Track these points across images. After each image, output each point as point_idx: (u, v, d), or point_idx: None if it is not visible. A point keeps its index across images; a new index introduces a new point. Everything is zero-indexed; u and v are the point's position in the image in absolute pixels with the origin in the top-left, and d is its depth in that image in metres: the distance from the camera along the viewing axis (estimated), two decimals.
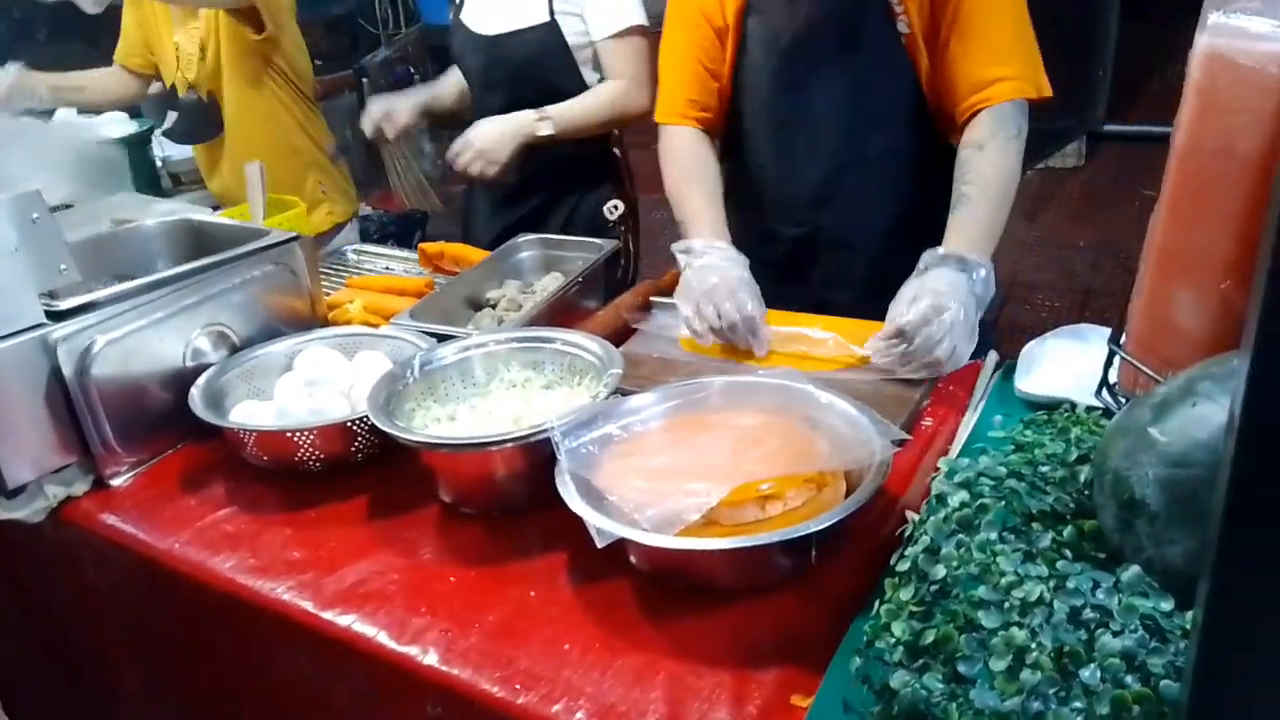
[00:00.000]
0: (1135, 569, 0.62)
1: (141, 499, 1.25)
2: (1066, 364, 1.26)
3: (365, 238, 2.73)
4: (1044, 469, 0.77)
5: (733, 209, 1.66)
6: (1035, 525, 0.71)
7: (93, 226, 1.81)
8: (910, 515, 1.05)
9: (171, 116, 2.35)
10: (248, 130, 2.27)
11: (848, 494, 1.01)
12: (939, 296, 1.23)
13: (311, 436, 1.18)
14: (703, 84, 1.55)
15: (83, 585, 1.26)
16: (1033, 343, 1.33)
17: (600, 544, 0.91)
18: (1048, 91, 1.34)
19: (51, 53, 2.32)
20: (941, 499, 0.75)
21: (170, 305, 1.31)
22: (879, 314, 1.29)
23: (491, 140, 1.89)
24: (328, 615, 1.01)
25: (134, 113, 2.66)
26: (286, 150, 2.31)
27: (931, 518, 0.74)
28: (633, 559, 0.99)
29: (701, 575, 0.97)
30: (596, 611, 0.97)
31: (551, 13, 1.93)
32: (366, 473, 1.23)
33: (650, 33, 1.90)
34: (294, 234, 1.50)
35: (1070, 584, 0.62)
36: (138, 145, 2.41)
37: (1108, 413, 0.88)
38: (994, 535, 0.69)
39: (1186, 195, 0.75)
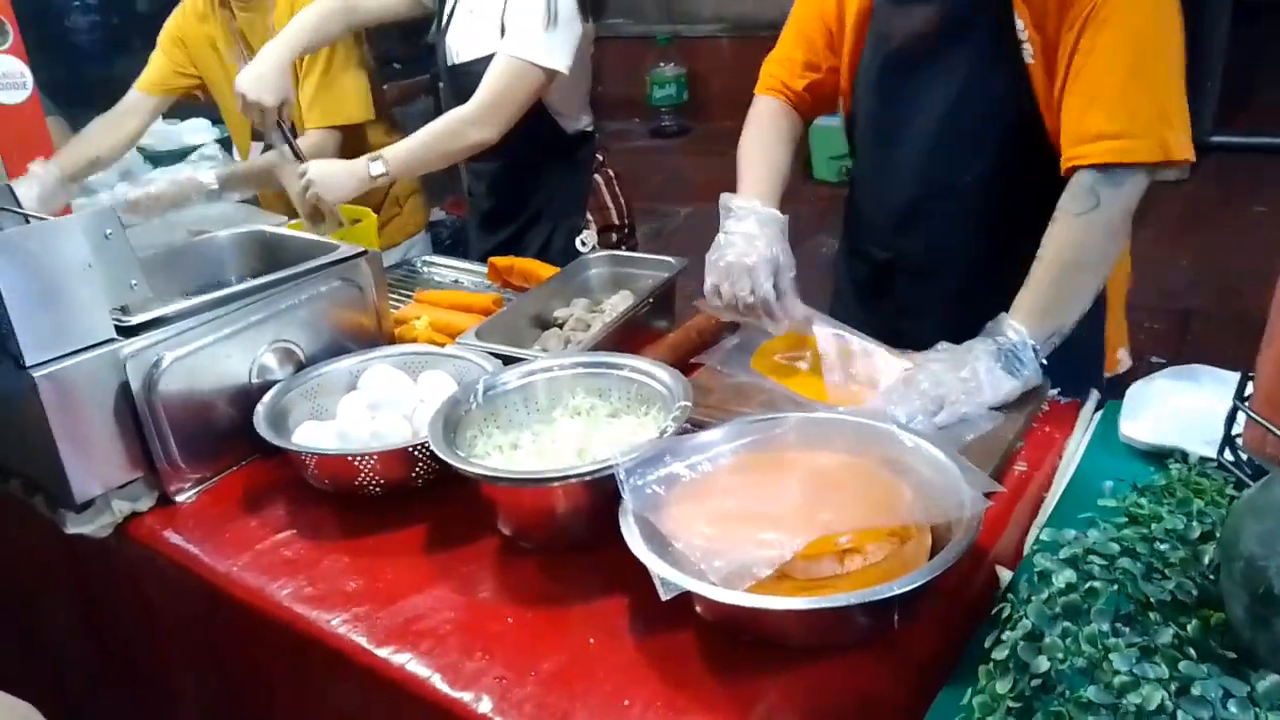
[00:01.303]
0: (1275, 678, 0.55)
1: (205, 518, 1.25)
2: (1177, 408, 1.17)
3: (437, 244, 2.73)
4: (1162, 547, 0.70)
5: (845, 220, 1.60)
6: (1153, 614, 0.64)
7: (168, 235, 1.84)
8: (1001, 573, 0.99)
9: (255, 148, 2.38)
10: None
11: (933, 547, 0.95)
12: (938, 356, 1.20)
13: (372, 461, 1.16)
14: (799, 70, 1.53)
15: (146, 603, 1.27)
16: (1140, 383, 1.24)
17: (665, 596, 0.87)
18: (1179, 155, 1.19)
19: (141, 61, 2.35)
20: (1045, 577, 0.69)
21: (238, 321, 1.31)
22: None
23: (328, 182, 1.82)
24: (382, 653, 0.99)
25: (213, 117, 2.70)
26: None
27: (1033, 598, 0.67)
28: (699, 609, 0.95)
29: (773, 632, 0.91)
30: (660, 664, 0.93)
31: (502, 38, 1.88)
32: (426, 498, 1.21)
33: (548, 76, 1.84)
34: (362, 249, 1.49)
35: (1195, 690, 0.55)
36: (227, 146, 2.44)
37: (1236, 480, 0.79)
38: (1106, 626, 0.62)
39: None
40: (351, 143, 2.26)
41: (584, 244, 2.02)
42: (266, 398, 1.30)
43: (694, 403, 1.13)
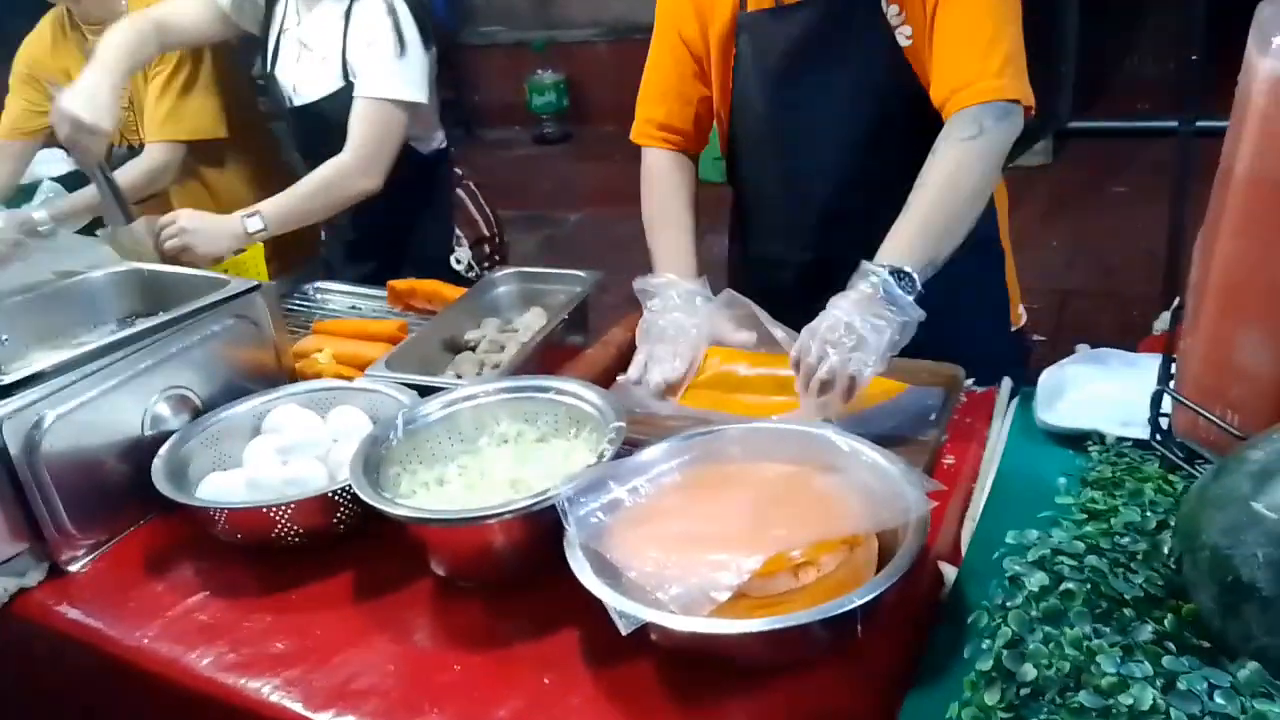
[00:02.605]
0: (1254, 666, 0.57)
1: (103, 586, 1.16)
2: (1091, 393, 1.22)
3: (322, 266, 2.62)
4: (1123, 540, 0.72)
5: (736, 237, 1.60)
6: (1127, 611, 0.66)
7: (33, 275, 1.70)
8: (945, 570, 1.00)
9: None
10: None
11: (880, 551, 0.96)
12: (820, 320, 1.17)
13: (290, 511, 1.11)
14: (676, 108, 1.52)
15: (42, 689, 1.16)
16: (1051, 369, 1.28)
17: (626, 630, 0.85)
18: (1027, 99, 1.27)
19: None
20: (1017, 581, 0.69)
21: (125, 370, 1.23)
22: None
23: (203, 236, 1.75)
24: (322, 718, 0.93)
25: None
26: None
27: (1008, 604, 0.68)
28: (655, 637, 0.93)
29: (736, 655, 0.90)
30: (621, 699, 0.91)
31: (346, 76, 1.85)
32: (350, 544, 1.16)
33: (411, 109, 1.83)
34: (255, 283, 1.41)
35: (1181, 685, 0.56)
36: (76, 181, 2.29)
37: (1162, 460, 0.82)
38: (1087, 627, 0.63)
39: (1253, 228, 0.70)
40: (214, 160, 2.15)
41: (459, 262, 1.98)
42: (163, 450, 1.22)
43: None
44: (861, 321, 1.14)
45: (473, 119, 5.96)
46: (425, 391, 1.27)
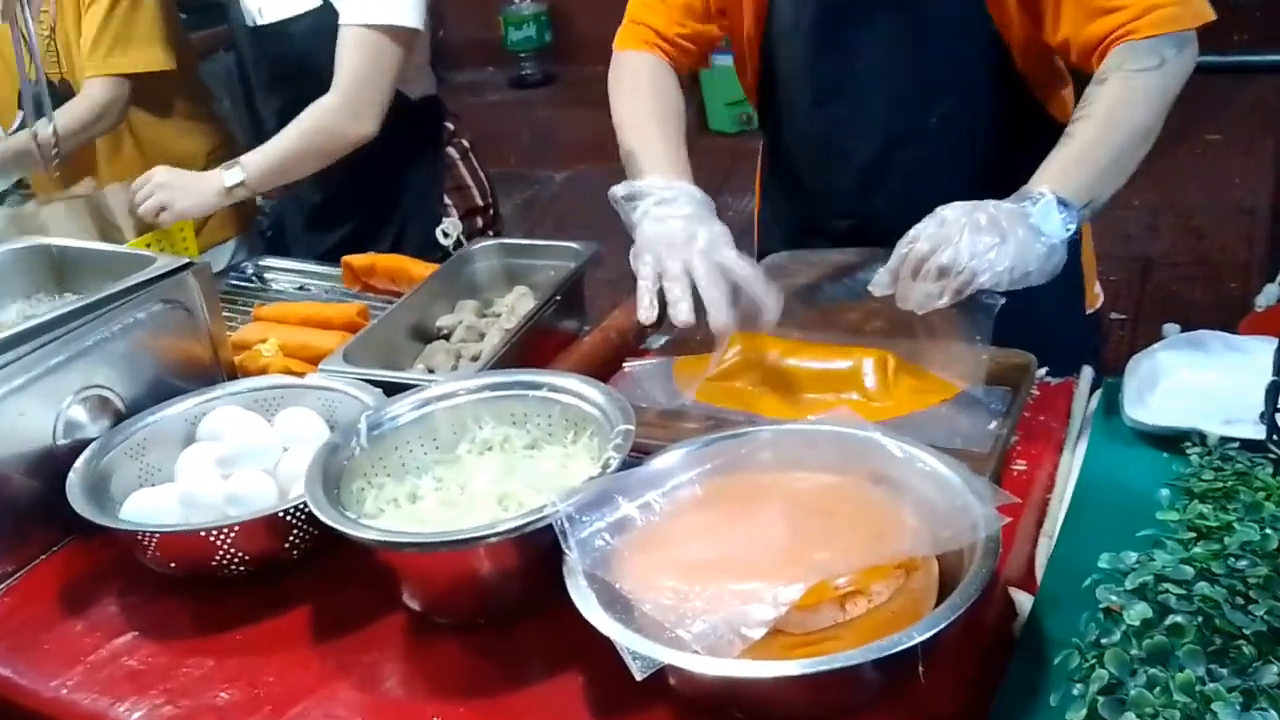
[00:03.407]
0: None
1: (12, 625, 1.16)
2: (1187, 383, 1.22)
3: (259, 239, 2.62)
4: (1240, 565, 0.72)
5: (768, 198, 1.60)
6: (1246, 649, 0.66)
7: None
8: (1017, 597, 1.01)
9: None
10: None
11: (942, 577, 0.96)
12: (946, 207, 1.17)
13: (233, 535, 1.11)
14: (678, 17, 1.50)
15: None
16: (1139, 356, 1.29)
17: (641, 675, 0.85)
18: (1208, 15, 1.25)
19: None
20: (1113, 614, 0.69)
21: (32, 368, 1.23)
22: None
23: (181, 190, 1.79)
24: None
25: None
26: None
27: (1105, 642, 0.68)
28: (674, 682, 0.93)
29: (770, 703, 0.90)
30: None
31: None
32: (305, 573, 1.16)
33: (407, 38, 1.83)
34: (185, 260, 1.41)
35: None
36: None
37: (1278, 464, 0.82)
38: (1200, 670, 0.63)
39: None
40: (150, 104, 2.14)
41: (446, 235, 1.97)
42: (80, 463, 1.22)
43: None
44: (1007, 222, 1.13)
45: (436, 59, 5.92)
46: (392, 389, 1.27)
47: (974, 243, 1.13)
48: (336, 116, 1.81)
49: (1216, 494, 0.86)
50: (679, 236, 1.25)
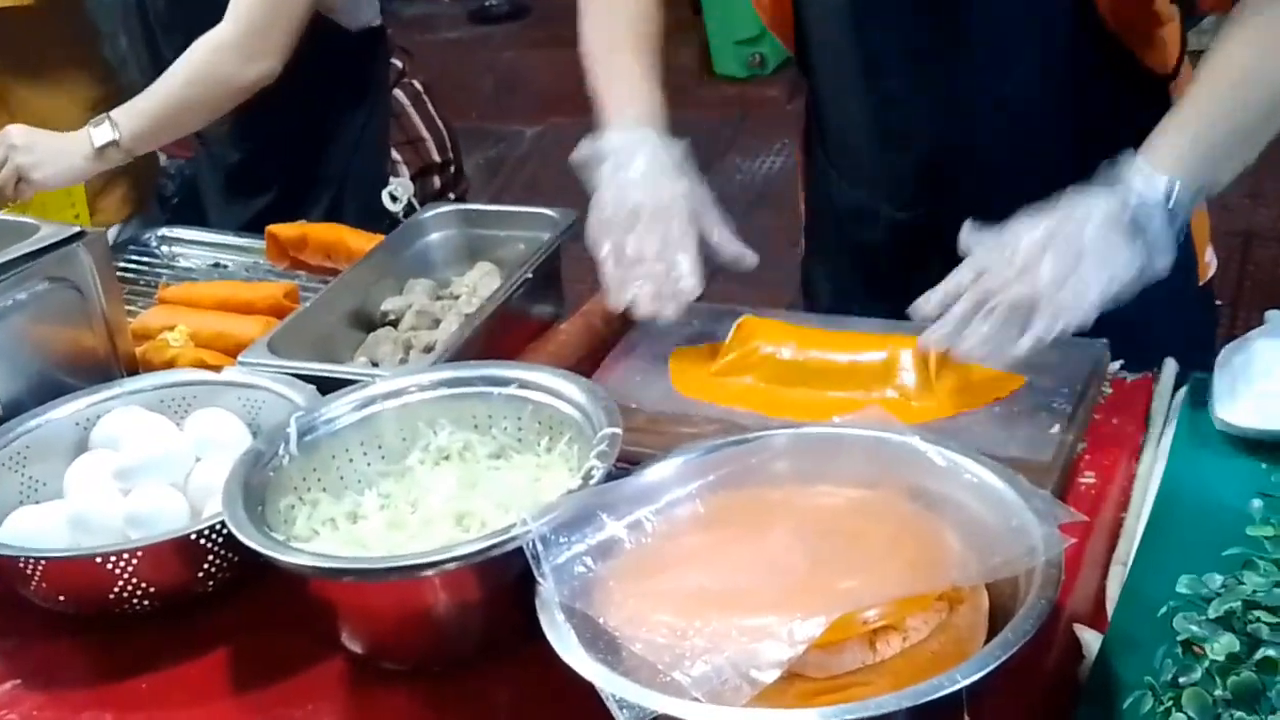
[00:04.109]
0: None
1: None
2: None
3: (164, 206, 2.63)
4: None
5: (814, 176, 1.60)
6: None
7: None
8: (1083, 635, 1.02)
9: None
10: None
11: (993, 610, 0.97)
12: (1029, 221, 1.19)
13: (135, 562, 1.12)
14: None
15: None
16: (1231, 347, 1.30)
17: None
18: None
19: None
20: (1193, 647, 0.71)
21: None
22: None
23: (42, 151, 1.79)
24: None
25: None
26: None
27: (1184, 681, 0.69)
28: None
29: None
30: None
31: None
32: (224, 609, 1.18)
33: None
34: (76, 229, 1.43)
35: None
36: None
37: None
38: None
39: None
40: (13, 47, 2.14)
41: (395, 199, 1.99)
42: None
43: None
44: (1099, 232, 1.14)
45: None
46: (327, 386, 1.28)
47: (1058, 272, 1.14)
48: (228, 56, 1.82)
49: None
50: (645, 206, 1.34)
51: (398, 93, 2.08)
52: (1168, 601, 0.82)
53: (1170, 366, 1.36)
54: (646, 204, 1.35)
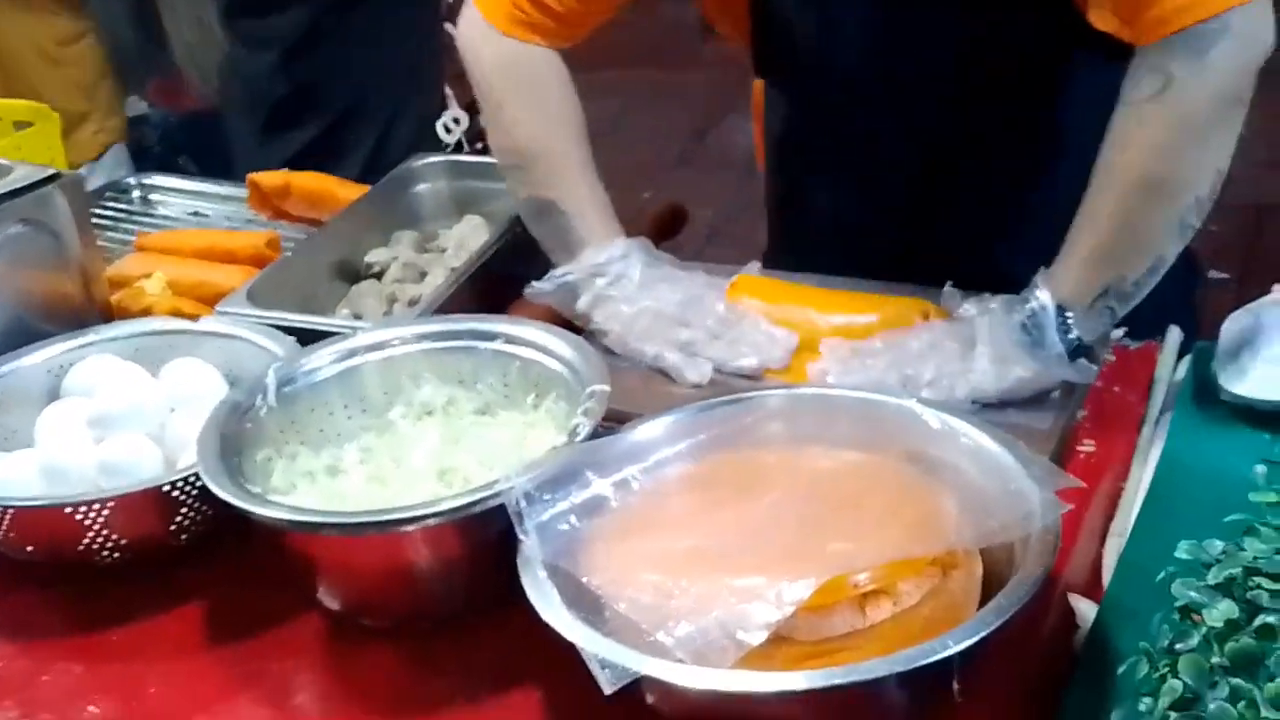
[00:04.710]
0: None
1: None
2: None
3: (145, 157, 2.63)
4: None
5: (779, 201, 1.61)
6: None
7: None
8: (1078, 605, 1.03)
9: None
10: None
11: (988, 577, 0.97)
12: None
13: (106, 512, 1.11)
14: None
15: None
16: (1238, 315, 1.30)
17: (610, 687, 0.86)
18: None
19: None
20: (1190, 614, 0.71)
21: None
22: None
23: None
24: None
25: None
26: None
27: (1181, 647, 0.70)
28: (652, 699, 0.94)
29: None
30: None
31: None
32: (198, 563, 1.18)
33: None
34: (51, 170, 1.42)
35: None
36: None
37: None
38: None
39: None
40: None
41: (449, 130, 1.97)
42: None
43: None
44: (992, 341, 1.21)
45: None
46: (308, 338, 1.28)
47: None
48: None
49: None
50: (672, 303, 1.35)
51: (448, 25, 2.07)
52: (1166, 568, 0.82)
53: (1174, 335, 1.36)
54: (676, 293, 1.36)
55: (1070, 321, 1.21)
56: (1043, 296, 1.22)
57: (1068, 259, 1.23)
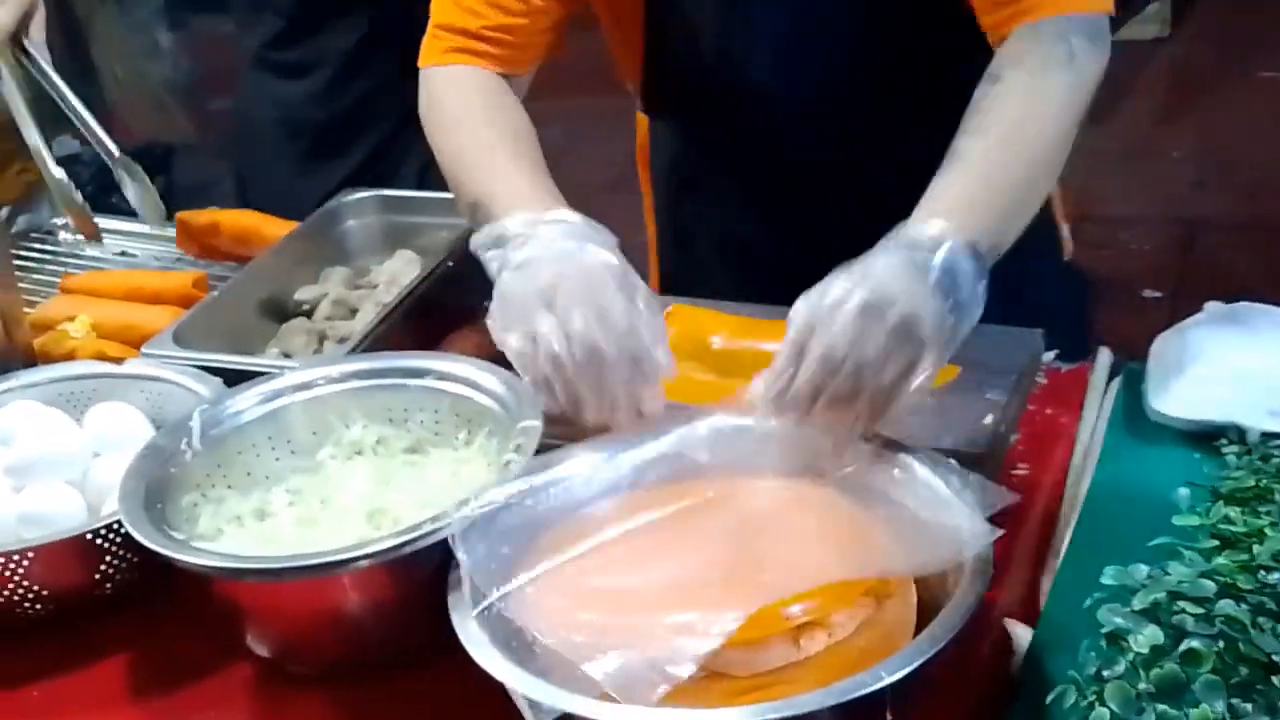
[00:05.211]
0: None
1: None
2: (1225, 368, 1.24)
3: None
4: (1273, 579, 0.74)
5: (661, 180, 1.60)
6: (1276, 680, 0.68)
7: None
8: (1014, 630, 1.03)
9: None
10: None
11: (921, 606, 0.97)
12: (849, 283, 1.06)
13: (26, 564, 1.10)
14: (495, 10, 1.40)
15: None
16: (1167, 334, 1.31)
17: None
18: (1108, 5, 1.25)
19: None
20: (1117, 640, 0.71)
21: None
22: None
23: None
24: None
25: None
26: None
27: (1108, 674, 0.69)
28: None
29: None
30: None
31: None
32: (123, 613, 1.16)
33: None
34: None
35: None
36: None
37: None
38: (1220, 705, 0.65)
39: None
40: None
41: None
42: None
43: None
44: (915, 293, 1.04)
45: None
46: (236, 379, 1.27)
47: (879, 344, 1.02)
48: None
49: (1246, 494, 0.89)
50: (565, 287, 1.13)
51: None
52: (1094, 594, 0.82)
53: (1105, 356, 1.37)
54: (568, 277, 1.14)
55: (978, 257, 1.08)
56: (939, 234, 1.08)
57: (960, 205, 1.12)
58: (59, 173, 1.70)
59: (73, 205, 1.72)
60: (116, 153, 1.72)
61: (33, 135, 1.72)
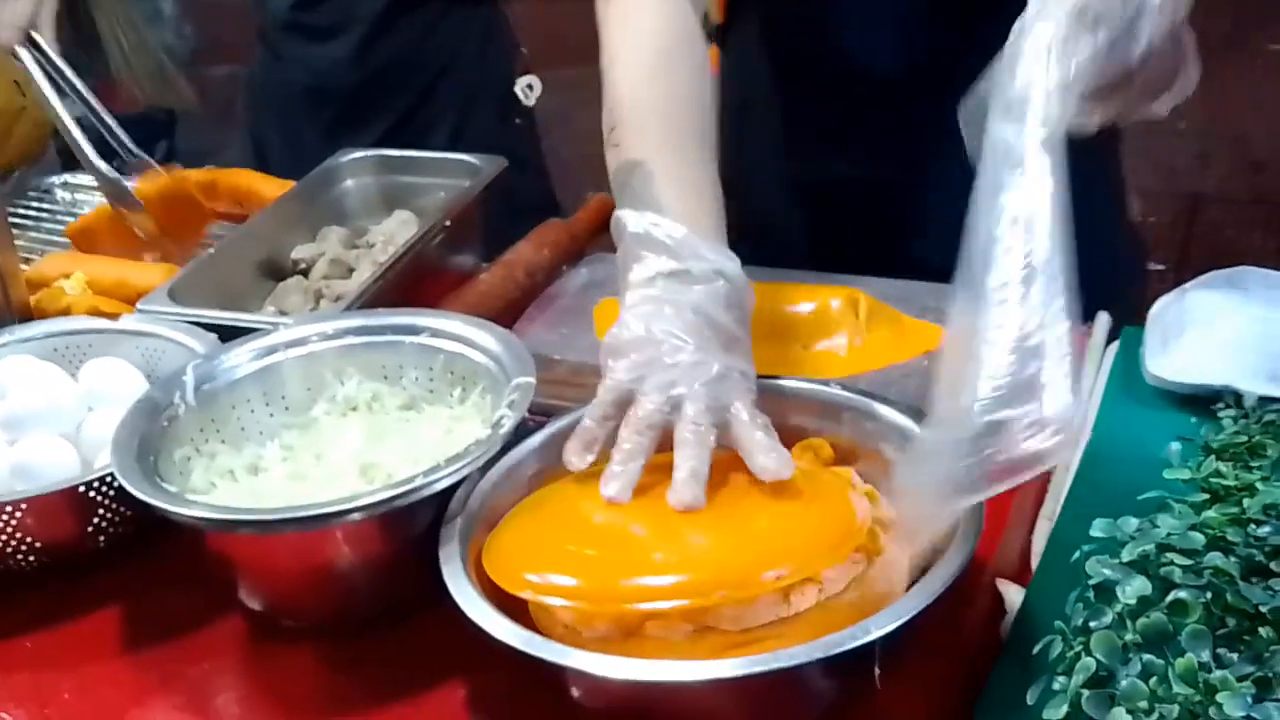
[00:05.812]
0: None
1: None
2: (1222, 332, 1.24)
3: (76, 160, 2.59)
4: (1261, 532, 0.74)
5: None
6: (1264, 631, 0.68)
7: None
8: (1006, 590, 1.03)
9: None
10: None
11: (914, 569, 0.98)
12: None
13: (19, 515, 1.10)
14: None
15: None
16: (1166, 299, 1.31)
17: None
18: None
19: None
20: (1105, 591, 0.71)
21: None
22: None
23: None
24: None
25: None
26: None
27: (1093, 624, 0.70)
28: (576, 693, 0.94)
29: (697, 714, 0.92)
30: None
31: None
32: (116, 566, 1.16)
33: None
34: None
35: None
36: None
37: None
38: (1205, 654, 0.65)
39: None
40: None
41: (528, 93, 1.95)
42: None
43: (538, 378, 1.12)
44: None
45: None
46: (229, 335, 1.27)
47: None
48: None
49: (1239, 448, 0.89)
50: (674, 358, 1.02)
51: None
52: (1083, 548, 0.83)
53: (1103, 319, 1.37)
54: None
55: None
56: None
57: None
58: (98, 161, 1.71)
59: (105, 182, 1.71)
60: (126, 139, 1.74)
61: (63, 118, 1.75)
